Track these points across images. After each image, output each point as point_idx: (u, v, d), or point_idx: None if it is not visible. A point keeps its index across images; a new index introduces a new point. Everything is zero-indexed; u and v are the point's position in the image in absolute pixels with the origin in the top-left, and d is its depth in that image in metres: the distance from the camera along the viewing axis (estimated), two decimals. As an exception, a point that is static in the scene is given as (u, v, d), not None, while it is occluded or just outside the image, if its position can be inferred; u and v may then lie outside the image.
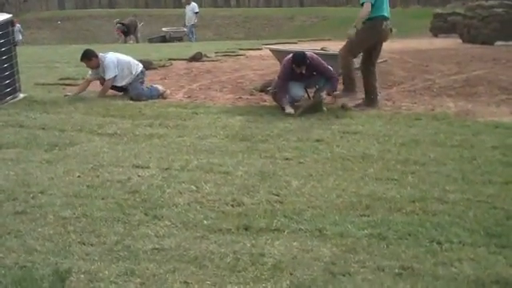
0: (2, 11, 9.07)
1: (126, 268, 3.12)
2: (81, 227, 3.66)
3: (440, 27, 19.72)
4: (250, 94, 8.31)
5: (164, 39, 22.68)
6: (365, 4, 6.92)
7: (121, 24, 22.44)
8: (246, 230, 3.60)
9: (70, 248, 3.37)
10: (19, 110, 7.17)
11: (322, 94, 7.08)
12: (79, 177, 4.66)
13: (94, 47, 8.94)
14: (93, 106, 7.33)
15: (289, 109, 6.90)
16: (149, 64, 10.04)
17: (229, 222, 3.72)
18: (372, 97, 7.36)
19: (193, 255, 3.27)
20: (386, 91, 8.27)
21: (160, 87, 8.27)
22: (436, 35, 19.60)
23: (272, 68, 9.83)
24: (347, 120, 6.57)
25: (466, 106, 7.43)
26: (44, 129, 6.27)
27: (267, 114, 6.85)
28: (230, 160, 5.05)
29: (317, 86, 7.24)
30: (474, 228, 3.61)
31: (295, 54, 7.10)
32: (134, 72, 8.09)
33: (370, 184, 4.44)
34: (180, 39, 22.63)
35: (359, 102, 7.41)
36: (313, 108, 6.96)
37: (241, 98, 8.11)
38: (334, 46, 11.39)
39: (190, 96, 8.29)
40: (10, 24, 7.73)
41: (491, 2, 16.19)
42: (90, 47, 8.89)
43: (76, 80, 9.39)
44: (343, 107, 7.12)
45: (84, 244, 3.42)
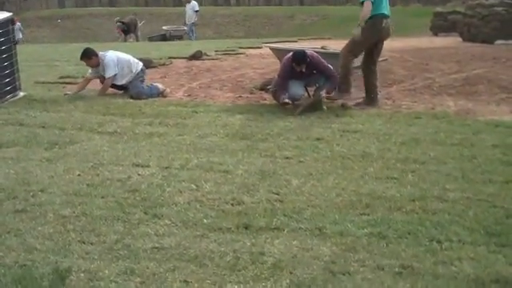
0: (2, 9, 9.05)
1: (125, 267, 3.12)
2: (81, 226, 3.67)
3: (440, 26, 19.68)
4: (250, 93, 8.31)
5: (164, 38, 22.66)
6: (365, 3, 6.92)
7: (121, 23, 22.44)
8: (246, 228, 3.61)
9: (69, 247, 3.38)
10: (19, 108, 7.17)
11: (322, 92, 7.08)
12: (79, 175, 4.66)
13: (94, 46, 8.95)
14: (93, 105, 7.33)
15: (285, 99, 6.89)
16: (149, 62, 10.02)
17: (229, 220, 3.73)
18: (372, 96, 7.35)
19: (193, 254, 3.27)
20: (386, 90, 8.26)
21: (160, 86, 8.27)
22: (436, 34, 19.57)
23: (272, 66, 9.82)
24: (347, 119, 6.57)
25: (466, 104, 7.42)
26: (44, 127, 6.27)
27: (267, 113, 6.85)
28: (230, 159, 5.05)
29: (317, 85, 7.23)
30: (473, 227, 3.61)
31: (295, 52, 7.10)
32: (134, 70, 8.08)
33: (370, 183, 4.44)
34: (180, 38, 22.62)
35: (359, 100, 7.41)
36: (312, 107, 6.97)
37: (241, 96, 8.11)
38: (334, 45, 11.37)
39: (190, 94, 8.29)
40: (9, 22, 7.73)
41: (491, 1, 16.14)
42: (90, 46, 8.89)
43: (76, 78, 9.39)
44: (343, 106, 7.13)
45: (84, 243, 3.43)
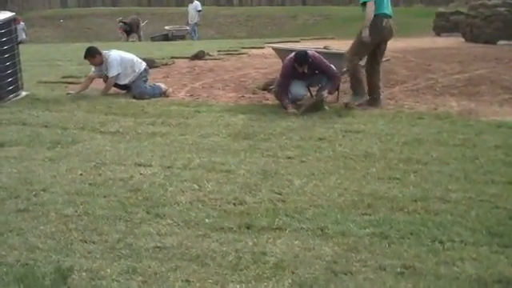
0: (5, 9, 9.05)
1: (127, 266, 3.12)
2: (83, 225, 3.67)
3: (443, 26, 19.67)
4: (253, 93, 8.31)
5: (166, 37, 22.68)
6: (368, 3, 6.94)
7: (123, 23, 22.47)
8: (248, 228, 3.60)
9: (71, 246, 3.38)
10: (22, 107, 7.18)
11: (324, 92, 7.08)
12: (81, 175, 4.66)
13: (97, 45, 8.94)
14: (95, 104, 7.34)
15: (291, 109, 6.90)
16: (151, 62, 10.03)
17: (231, 220, 3.72)
18: (375, 96, 7.36)
19: (195, 254, 3.27)
20: (388, 90, 8.26)
21: (162, 85, 8.28)
22: (439, 34, 19.56)
23: (274, 67, 9.82)
24: (350, 119, 6.57)
25: (468, 105, 7.42)
26: (46, 127, 6.27)
27: (270, 113, 6.85)
28: (233, 159, 5.05)
29: (319, 85, 7.23)
30: (476, 227, 3.61)
31: (297, 53, 7.09)
32: (137, 70, 8.09)
33: (372, 183, 4.44)
34: (182, 37, 22.64)
35: (362, 101, 7.42)
36: (314, 107, 6.97)
37: (243, 96, 8.11)
38: (336, 45, 11.40)
39: (193, 94, 8.29)
40: (12, 22, 7.74)
41: (494, 2, 16.13)
42: (92, 45, 8.89)
43: (78, 78, 9.39)
44: (347, 106, 7.12)
45: (86, 242, 3.43)
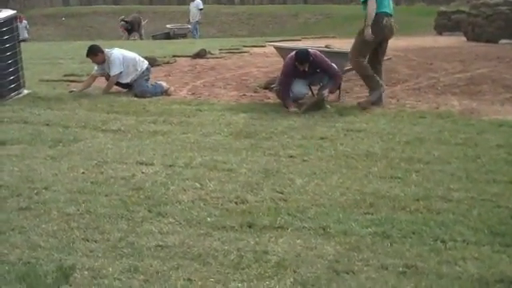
0: (7, 7, 9.05)
1: (129, 265, 3.12)
2: (84, 224, 3.67)
3: (444, 25, 19.67)
4: (254, 91, 8.31)
5: (168, 36, 22.68)
6: (369, 2, 6.93)
7: (124, 22, 22.47)
8: (250, 227, 3.61)
9: (73, 244, 3.38)
10: (23, 106, 7.18)
11: (324, 92, 7.07)
12: (83, 173, 4.66)
13: (99, 44, 8.93)
14: (97, 103, 7.34)
15: (293, 108, 6.90)
16: (153, 61, 10.03)
17: (232, 219, 3.72)
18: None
19: (196, 252, 3.27)
20: (390, 89, 8.25)
21: (164, 84, 8.28)
22: (440, 33, 19.55)
23: (276, 65, 9.81)
24: (351, 118, 6.56)
25: (470, 104, 7.41)
26: (48, 125, 6.27)
27: (271, 112, 6.85)
28: (234, 157, 5.05)
29: (321, 84, 7.23)
30: (478, 227, 3.60)
31: (298, 51, 7.08)
32: (139, 69, 8.08)
33: (374, 182, 4.43)
34: (184, 36, 22.63)
35: (363, 100, 7.41)
36: (316, 105, 6.96)
37: (245, 95, 8.10)
38: (338, 44, 11.39)
39: (194, 93, 8.29)
40: (14, 20, 7.73)
41: (496, 1, 16.12)
42: (94, 43, 8.89)
43: (80, 76, 9.40)
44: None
45: (88, 240, 3.43)
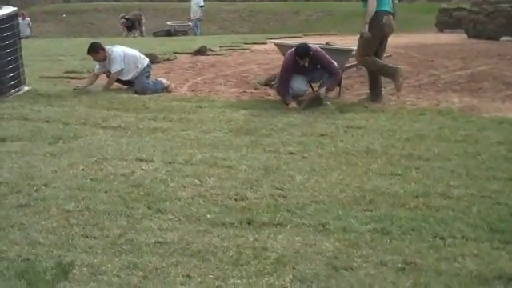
0: (8, 4, 9.04)
1: (128, 261, 3.13)
2: (84, 220, 3.67)
3: (445, 22, 19.62)
4: (255, 88, 8.30)
5: (169, 33, 22.70)
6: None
7: (125, 19, 22.48)
8: (249, 224, 3.61)
9: (73, 241, 3.38)
10: (24, 103, 7.18)
11: (322, 90, 7.08)
12: (83, 170, 4.66)
13: (100, 40, 8.93)
14: (97, 100, 7.33)
15: (292, 104, 6.90)
16: (153, 58, 10.04)
17: (232, 216, 3.73)
18: (376, 91, 7.35)
19: (196, 249, 3.28)
20: (390, 86, 8.23)
21: (164, 81, 8.27)
22: (441, 30, 19.51)
23: (276, 62, 9.79)
24: (351, 115, 6.55)
25: (470, 101, 7.40)
26: (48, 122, 6.27)
27: (271, 108, 6.85)
28: (234, 154, 5.04)
29: (321, 81, 7.22)
30: (477, 223, 3.60)
31: (298, 45, 7.08)
32: (140, 66, 8.08)
33: (374, 179, 4.43)
34: (185, 33, 22.65)
35: (363, 97, 7.41)
36: (315, 101, 6.96)
37: (245, 92, 8.10)
38: (339, 41, 11.38)
39: (195, 90, 8.29)
40: (14, 17, 7.73)
41: (497, -2, 16.11)
42: (95, 40, 8.89)
43: (81, 73, 9.40)
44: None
45: (87, 237, 3.43)
